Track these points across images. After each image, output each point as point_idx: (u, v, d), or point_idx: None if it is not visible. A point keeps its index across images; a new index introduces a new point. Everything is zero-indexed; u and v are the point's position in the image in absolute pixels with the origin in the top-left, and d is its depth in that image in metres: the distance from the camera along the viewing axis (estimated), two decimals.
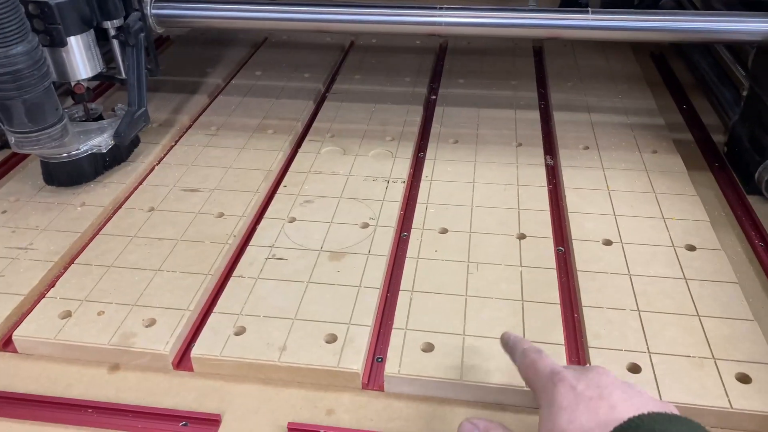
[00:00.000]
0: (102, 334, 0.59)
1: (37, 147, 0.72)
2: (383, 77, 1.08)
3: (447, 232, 0.71)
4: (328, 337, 0.58)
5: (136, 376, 0.58)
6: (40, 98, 0.70)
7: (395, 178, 0.81)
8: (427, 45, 1.21)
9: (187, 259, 0.68)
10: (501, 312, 0.60)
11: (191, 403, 0.55)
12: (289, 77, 1.09)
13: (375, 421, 0.53)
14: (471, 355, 0.56)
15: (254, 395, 0.56)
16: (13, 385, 0.57)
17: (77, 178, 0.79)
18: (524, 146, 0.88)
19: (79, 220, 0.74)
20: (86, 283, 0.65)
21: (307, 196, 0.78)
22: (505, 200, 0.76)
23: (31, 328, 0.60)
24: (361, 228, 0.72)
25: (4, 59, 0.65)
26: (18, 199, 0.79)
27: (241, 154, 0.87)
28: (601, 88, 1.03)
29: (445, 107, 0.98)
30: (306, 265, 0.67)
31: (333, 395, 0.55)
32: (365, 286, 0.64)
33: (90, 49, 0.78)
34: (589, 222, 0.72)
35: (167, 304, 0.62)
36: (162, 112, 0.98)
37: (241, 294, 0.63)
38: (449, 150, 0.87)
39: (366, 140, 0.90)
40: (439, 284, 0.64)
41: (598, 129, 0.91)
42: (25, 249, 0.70)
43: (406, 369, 0.55)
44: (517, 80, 1.07)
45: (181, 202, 0.77)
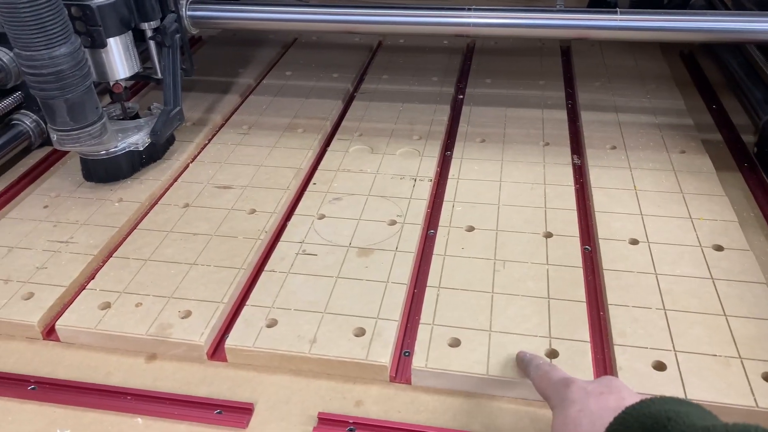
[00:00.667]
0: (140, 324, 0.61)
1: (78, 144, 0.75)
2: (411, 77, 1.10)
3: (474, 230, 0.72)
4: (357, 330, 0.60)
5: (172, 366, 0.60)
6: (82, 97, 0.72)
7: (422, 176, 0.82)
8: (454, 45, 1.22)
9: (220, 253, 0.70)
10: (527, 309, 0.61)
11: (225, 392, 0.57)
12: (319, 77, 1.11)
13: (403, 413, 0.54)
14: (497, 350, 0.57)
15: (285, 386, 0.57)
16: (56, 372, 0.60)
17: (115, 175, 0.82)
18: (551, 145, 0.88)
19: (117, 215, 0.77)
20: (124, 276, 0.67)
21: (336, 193, 0.80)
22: (532, 199, 0.77)
23: (72, 318, 0.63)
24: (388, 225, 0.74)
25: (48, 60, 0.68)
26: (59, 194, 0.82)
27: (272, 153, 0.89)
28: (629, 87, 1.03)
29: (472, 106, 0.99)
30: (335, 261, 0.69)
31: (361, 387, 0.57)
32: (392, 281, 0.65)
33: (128, 49, 0.81)
34: (616, 221, 0.73)
35: (202, 297, 0.64)
36: (195, 111, 1.00)
37: (273, 288, 0.65)
38: (476, 149, 0.88)
39: (394, 139, 0.91)
40: (466, 281, 0.65)
41: (625, 129, 0.91)
42: (66, 242, 0.73)
43: (433, 363, 0.56)
44: (544, 80, 1.07)
45: (214, 198, 0.80)
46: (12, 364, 0.61)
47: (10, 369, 0.60)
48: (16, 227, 0.76)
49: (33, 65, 0.68)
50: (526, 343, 0.57)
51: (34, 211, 0.79)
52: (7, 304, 0.64)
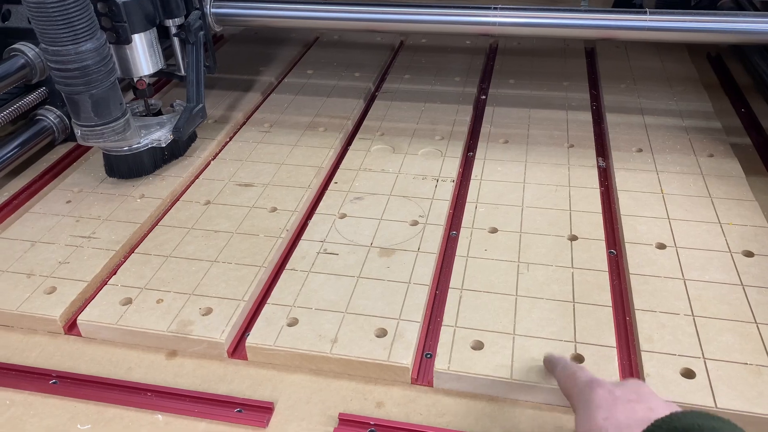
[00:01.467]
0: (161, 321, 0.61)
1: (102, 140, 0.75)
2: (433, 77, 1.09)
3: (497, 231, 0.71)
4: (378, 331, 0.59)
5: (192, 363, 0.60)
6: (106, 93, 0.73)
7: (444, 176, 0.82)
8: (476, 45, 1.21)
9: (241, 251, 0.70)
10: (552, 313, 0.60)
11: (245, 390, 0.57)
12: (340, 76, 1.10)
13: (424, 415, 0.54)
14: (521, 354, 0.56)
15: (306, 385, 0.57)
16: (77, 367, 0.60)
17: (137, 171, 0.82)
18: (576, 147, 0.87)
19: (139, 211, 0.77)
20: (146, 272, 0.67)
21: (357, 192, 0.79)
22: (557, 201, 0.76)
23: (94, 314, 0.63)
24: (410, 225, 0.73)
25: (75, 55, 0.68)
26: (81, 190, 0.82)
27: (294, 151, 0.89)
28: (655, 90, 1.02)
29: (495, 107, 0.98)
30: (356, 261, 0.68)
31: (382, 389, 0.56)
32: (414, 282, 0.65)
33: (152, 46, 0.81)
34: (643, 225, 0.71)
35: (223, 294, 0.64)
36: (217, 108, 1.00)
37: (294, 286, 0.65)
38: (499, 150, 0.87)
39: (415, 139, 0.91)
40: (489, 283, 0.64)
41: (651, 131, 0.90)
42: (88, 238, 0.73)
43: (455, 366, 0.55)
44: (568, 81, 1.06)
45: (235, 196, 0.79)
46: (34, 359, 0.61)
47: (32, 363, 0.60)
48: (40, 222, 0.76)
49: (59, 60, 0.68)
50: (550, 347, 0.56)
51: (57, 206, 0.79)
52: (29, 297, 0.65)
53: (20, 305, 0.64)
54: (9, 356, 0.61)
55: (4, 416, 0.55)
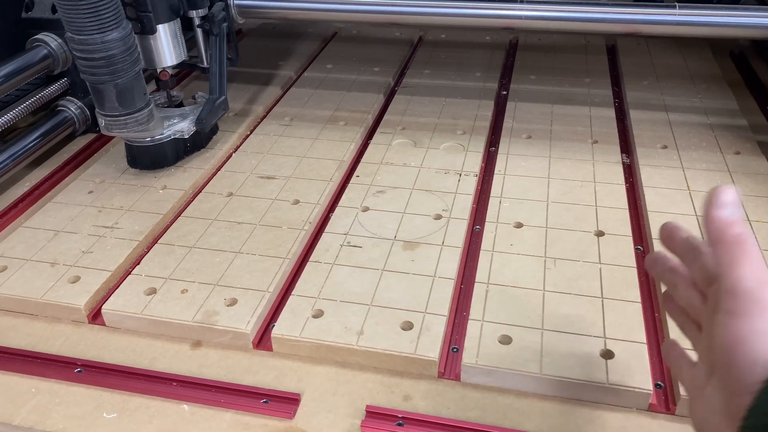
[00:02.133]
0: (186, 311, 0.61)
1: (125, 130, 0.75)
2: (453, 72, 1.08)
3: (522, 226, 0.71)
4: (404, 324, 0.59)
5: (217, 354, 0.59)
6: (131, 83, 0.73)
7: (467, 171, 0.81)
8: (496, 41, 1.20)
9: (265, 242, 0.69)
10: (580, 308, 0.59)
11: (271, 381, 0.56)
12: (360, 71, 1.10)
13: (452, 409, 0.53)
14: (550, 349, 0.55)
15: (331, 377, 0.56)
16: (101, 356, 0.60)
17: (159, 162, 0.82)
18: (600, 143, 0.86)
19: (161, 202, 0.77)
20: (169, 262, 0.67)
21: (379, 186, 0.79)
22: (582, 197, 0.75)
23: (119, 303, 0.62)
24: (434, 219, 0.73)
25: (101, 44, 0.68)
26: (103, 180, 0.82)
27: (315, 144, 0.88)
28: (678, 87, 1.00)
29: (517, 102, 0.97)
30: (380, 254, 0.68)
31: (409, 382, 0.56)
32: (440, 276, 0.64)
33: (176, 37, 0.81)
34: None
35: (247, 285, 0.63)
36: (237, 102, 1.00)
37: (318, 279, 0.64)
38: (522, 145, 0.86)
39: (437, 133, 0.90)
40: (515, 278, 0.63)
41: (676, 128, 0.89)
42: (111, 228, 0.73)
43: (483, 360, 0.55)
44: (590, 77, 1.05)
45: (258, 188, 0.79)
46: (58, 347, 0.61)
47: (56, 351, 0.60)
48: (62, 211, 0.76)
49: (85, 49, 0.68)
50: (580, 343, 0.56)
51: (79, 196, 0.79)
52: (54, 286, 0.65)
53: (44, 294, 0.64)
54: (34, 344, 0.61)
55: (30, 404, 0.55)
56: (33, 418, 0.54)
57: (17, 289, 0.64)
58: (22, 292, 0.64)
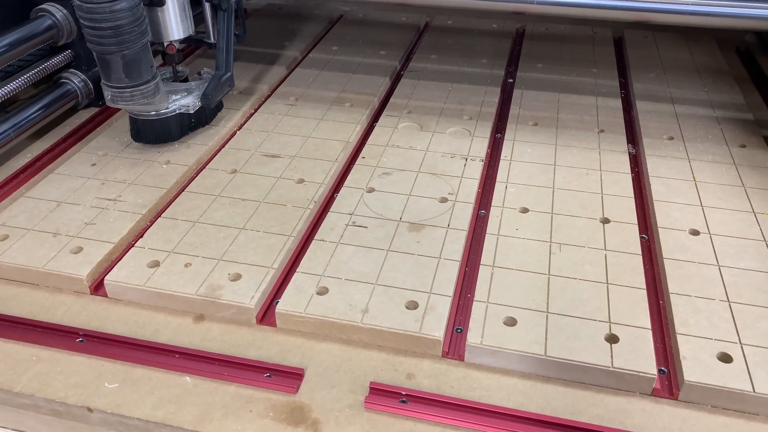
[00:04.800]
0: (189, 284, 0.61)
1: (131, 102, 0.74)
2: (459, 58, 1.08)
3: (528, 211, 0.70)
4: (409, 303, 0.58)
5: (220, 328, 0.59)
6: (138, 55, 0.72)
7: (473, 156, 0.81)
8: (503, 29, 1.20)
9: (269, 220, 0.69)
10: (585, 293, 0.59)
11: (274, 356, 0.56)
12: (365, 54, 1.09)
13: (456, 389, 0.53)
14: (555, 332, 0.55)
15: (335, 354, 0.56)
16: (103, 326, 0.59)
17: (164, 137, 0.81)
18: (606, 133, 0.86)
19: (165, 177, 0.76)
20: (173, 236, 0.67)
21: (385, 168, 0.79)
22: (588, 185, 0.75)
23: (121, 275, 0.62)
24: (439, 202, 0.72)
25: (109, 14, 0.68)
26: (106, 153, 0.81)
27: (320, 125, 0.88)
28: (685, 80, 1.00)
29: (523, 90, 0.97)
30: (385, 234, 0.67)
31: (413, 360, 0.56)
32: (445, 258, 0.64)
33: (184, 11, 0.80)
34: (675, 211, 0.70)
35: (252, 261, 0.63)
36: (242, 80, 0.99)
37: (323, 257, 0.64)
38: (528, 132, 0.86)
39: (443, 118, 0.90)
40: (521, 262, 0.63)
41: (682, 120, 0.89)
42: (114, 200, 0.72)
43: (488, 340, 0.55)
44: (597, 68, 1.04)
45: (262, 166, 0.78)
46: (60, 317, 0.60)
47: (58, 321, 0.60)
48: (65, 183, 0.75)
49: (93, 18, 0.67)
50: (585, 326, 0.56)
51: (82, 168, 0.78)
52: (56, 257, 0.64)
53: (47, 263, 0.63)
54: (35, 313, 0.61)
55: (31, 371, 0.54)
56: (34, 385, 0.53)
57: (19, 258, 0.64)
58: (24, 261, 0.63)
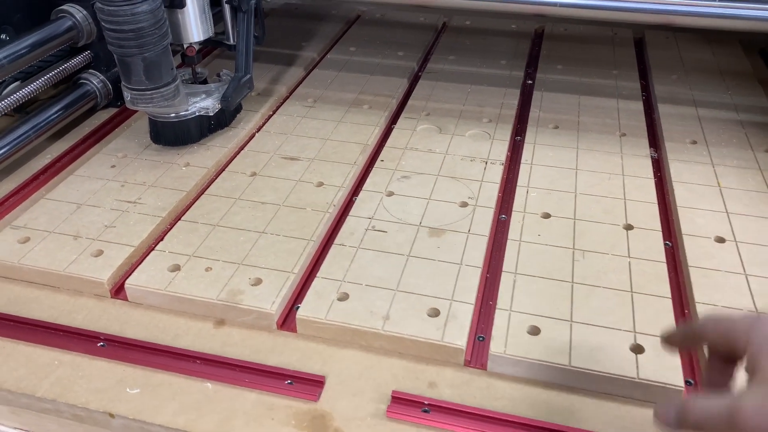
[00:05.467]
0: (210, 289, 0.60)
1: (150, 105, 0.74)
2: (478, 59, 1.07)
3: (550, 217, 0.70)
4: (431, 311, 0.58)
5: (240, 333, 0.59)
6: (158, 57, 0.72)
7: (493, 159, 0.80)
8: (522, 29, 1.19)
9: (289, 223, 0.69)
10: (609, 301, 0.59)
11: (294, 363, 0.56)
12: (383, 54, 1.08)
13: (478, 398, 0.53)
14: (580, 342, 0.55)
15: (356, 361, 0.56)
16: (124, 331, 0.59)
17: (184, 139, 0.81)
18: (628, 136, 0.85)
19: (184, 179, 0.76)
20: (193, 240, 0.67)
21: (404, 171, 0.78)
22: (610, 189, 0.74)
23: (142, 278, 0.62)
24: (459, 207, 0.72)
25: (130, 16, 0.67)
26: (125, 155, 0.81)
27: (338, 127, 0.87)
28: (707, 82, 0.99)
29: (543, 92, 0.96)
30: (405, 239, 0.67)
31: (434, 369, 0.55)
32: (466, 264, 0.63)
33: (204, 12, 0.79)
34: (700, 218, 0.69)
35: (272, 266, 0.63)
36: (260, 81, 0.99)
37: (343, 262, 0.64)
38: (549, 135, 0.85)
39: (462, 120, 0.89)
40: (543, 269, 0.63)
41: (705, 124, 0.87)
42: (134, 203, 0.72)
43: (511, 349, 0.54)
44: (617, 70, 1.03)
45: (281, 169, 0.78)
46: (81, 320, 0.60)
47: (79, 325, 0.60)
48: (84, 184, 0.76)
49: (114, 20, 0.67)
50: (609, 336, 0.55)
51: (102, 170, 0.78)
52: (77, 260, 0.64)
53: (67, 266, 0.63)
54: (56, 317, 0.61)
55: (52, 376, 0.55)
56: (56, 390, 0.53)
57: (40, 260, 0.64)
58: (45, 264, 0.64)
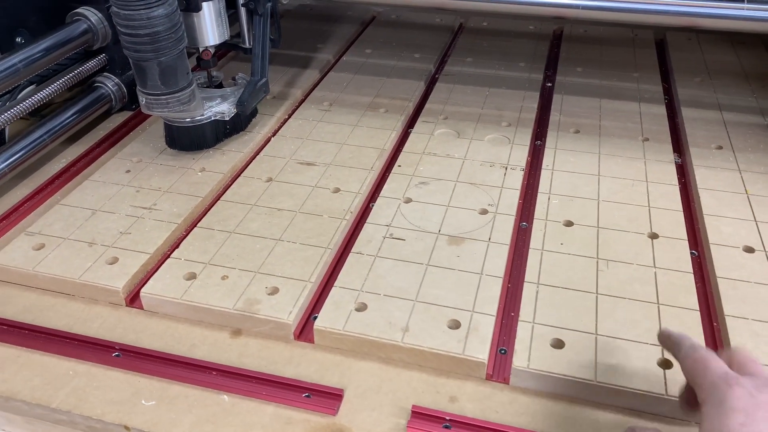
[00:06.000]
0: (226, 298, 0.59)
1: (166, 109, 0.74)
2: (496, 61, 1.05)
3: (572, 225, 0.68)
4: (451, 322, 0.57)
5: (257, 343, 0.58)
6: (174, 62, 0.71)
7: (513, 165, 0.78)
8: (541, 30, 1.17)
9: (306, 231, 0.68)
10: (635, 314, 0.57)
11: (312, 374, 0.55)
12: (399, 57, 1.07)
13: (500, 414, 0.51)
14: (605, 355, 0.53)
15: (375, 374, 0.55)
16: (139, 340, 0.58)
17: (199, 144, 0.80)
18: (651, 141, 0.83)
19: (200, 185, 0.75)
20: (209, 247, 0.66)
21: (422, 177, 0.77)
22: (634, 197, 0.72)
23: (158, 287, 0.61)
24: (479, 214, 0.70)
25: (146, 21, 0.67)
26: (140, 160, 0.81)
27: (355, 131, 0.86)
28: (732, 85, 0.97)
29: (563, 95, 0.94)
30: (424, 248, 0.65)
31: (455, 383, 0.54)
32: (487, 274, 0.62)
33: (220, 16, 0.79)
34: (727, 226, 0.67)
35: (289, 274, 0.62)
36: (275, 84, 0.98)
37: (361, 270, 0.62)
38: (570, 140, 0.83)
39: (481, 124, 0.87)
40: (567, 279, 0.61)
41: (731, 128, 0.85)
42: (149, 209, 0.72)
43: (535, 364, 0.52)
44: (638, 72, 1.01)
45: (297, 174, 0.77)
46: (96, 329, 0.60)
47: (94, 334, 0.59)
48: (99, 190, 0.75)
49: (130, 25, 0.67)
50: (636, 350, 0.53)
51: (117, 175, 0.78)
52: (91, 267, 0.63)
53: (82, 274, 0.63)
54: (71, 325, 0.60)
55: (68, 386, 0.54)
56: (71, 401, 0.53)
57: (55, 268, 0.63)
58: (60, 272, 0.63)
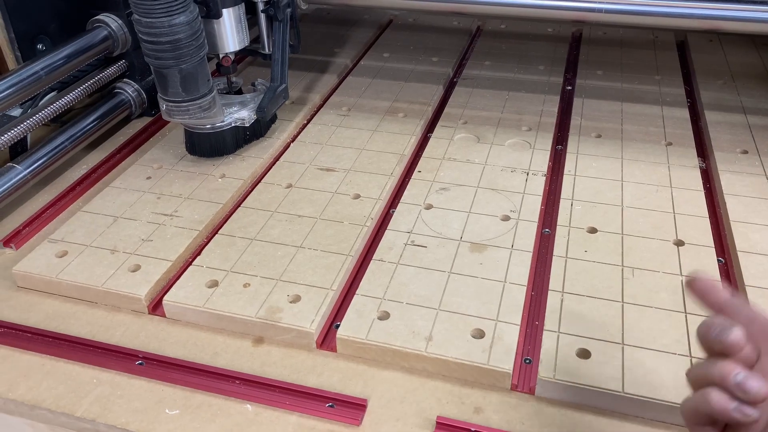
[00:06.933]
0: (249, 306, 0.59)
1: (187, 116, 0.74)
2: (515, 64, 1.04)
3: (596, 231, 0.67)
4: (475, 332, 0.56)
5: (280, 352, 0.58)
6: (195, 69, 0.71)
7: (535, 170, 0.78)
8: (559, 33, 1.16)
9: (327, 238, 0.67)
10: (663, 323, 0.56)
11: (335, 384, 0.54)
12: (417, 60, 1.07)
13: (527, 425, 0.50)
14: (633, 366, 0.52)
15: (399, 383, 0.54)
16: (162, 348, 0.58)
17: (220, 150, 0.80)
18: (674, 146, 0.82)
19: (221, 191, 0.75)
20: (231, 255, 0.66)
21: (442, 183, 0.76)
22: (659, 203, 0.71)
23: (180, 295, 0.61)
24: (501, 220, 0.70)
25: (167, 28, 0.67)
26: (161, 166, 0.81)
27: (374, 136, 0.86)
28: (756, 88, 0.95)
29: (584, 99, 0.93)
30: (446, 255, 0.65)
31: (480, 393, 0.53)
32: (510, 282, 0.61)
33: (240, 22, 0.79)
34: (755, 233, 0.66)
35: (310, 282, 0.61)
36: (294, 89, 0.98)
37: (383, 278, 0.62)
38: (592, 144, 0.82)
39: (501, 129, 0.87)
40: (592, 287, 0.60)
41: (756, 132, 0.84)
42: (170, 216, 0.72)
43: (561, 374, 0.52)
44: (660, 75, 1.00)
45: (317, 180, 0.77)
46: (119, 337, 0.60)
47: (116, 342, 0.59)
48: (121, 196, 0.75)
49: (152, 32, 0.67)
50: (664, 360, 0.52)
51: (138, 181, 0.78)
52: (114, 275, 0.64)
53: (105, 282, 0.63)
54: (94, 333, 0.60)
55: (92, 394, 0.54)
56: (95, 410, 0.53)
57: (78, 275, 0.64)
58: (83, 279, 0.63)
